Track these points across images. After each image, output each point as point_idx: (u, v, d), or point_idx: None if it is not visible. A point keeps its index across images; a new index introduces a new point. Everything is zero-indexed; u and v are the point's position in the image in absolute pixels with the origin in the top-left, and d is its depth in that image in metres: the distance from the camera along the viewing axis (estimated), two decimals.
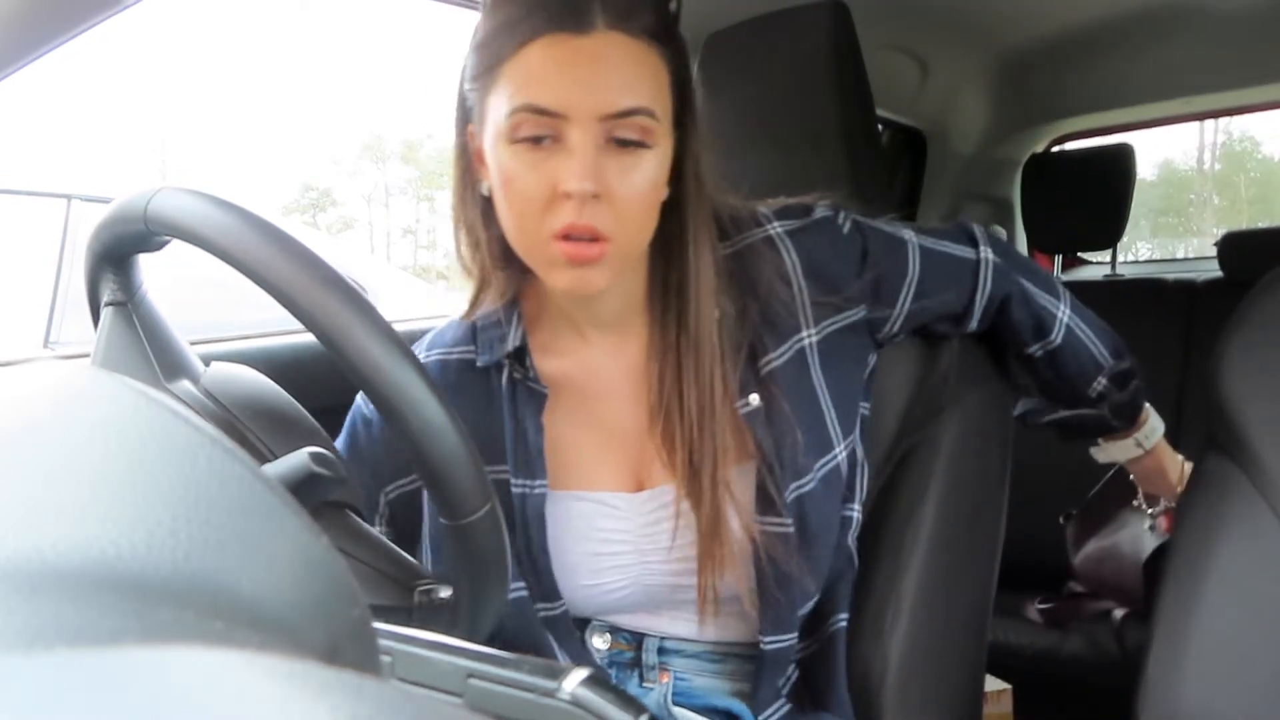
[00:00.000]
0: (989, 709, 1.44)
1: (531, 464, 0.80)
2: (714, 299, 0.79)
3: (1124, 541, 1.15)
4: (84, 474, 0.20)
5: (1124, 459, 1.05)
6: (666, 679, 0.85)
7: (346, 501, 0.63)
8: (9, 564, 0.18)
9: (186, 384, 0.64)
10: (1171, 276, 2.04)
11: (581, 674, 0.36)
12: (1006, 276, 0.91)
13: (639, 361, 0.84)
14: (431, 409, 0.53)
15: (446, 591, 0.60)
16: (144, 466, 0.21)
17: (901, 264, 0.87)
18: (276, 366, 0.80)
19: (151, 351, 0.63)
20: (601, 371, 0.84)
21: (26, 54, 0.81)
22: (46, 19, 0.80)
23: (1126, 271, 2.28)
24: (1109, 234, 2.10)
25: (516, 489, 0.80)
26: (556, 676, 0.36)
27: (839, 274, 0.85)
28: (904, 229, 0.90)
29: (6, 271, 1.85)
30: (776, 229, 0.85)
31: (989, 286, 0.91)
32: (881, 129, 1.93)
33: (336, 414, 0.88)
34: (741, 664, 0.87)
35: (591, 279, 0.73)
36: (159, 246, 0.62)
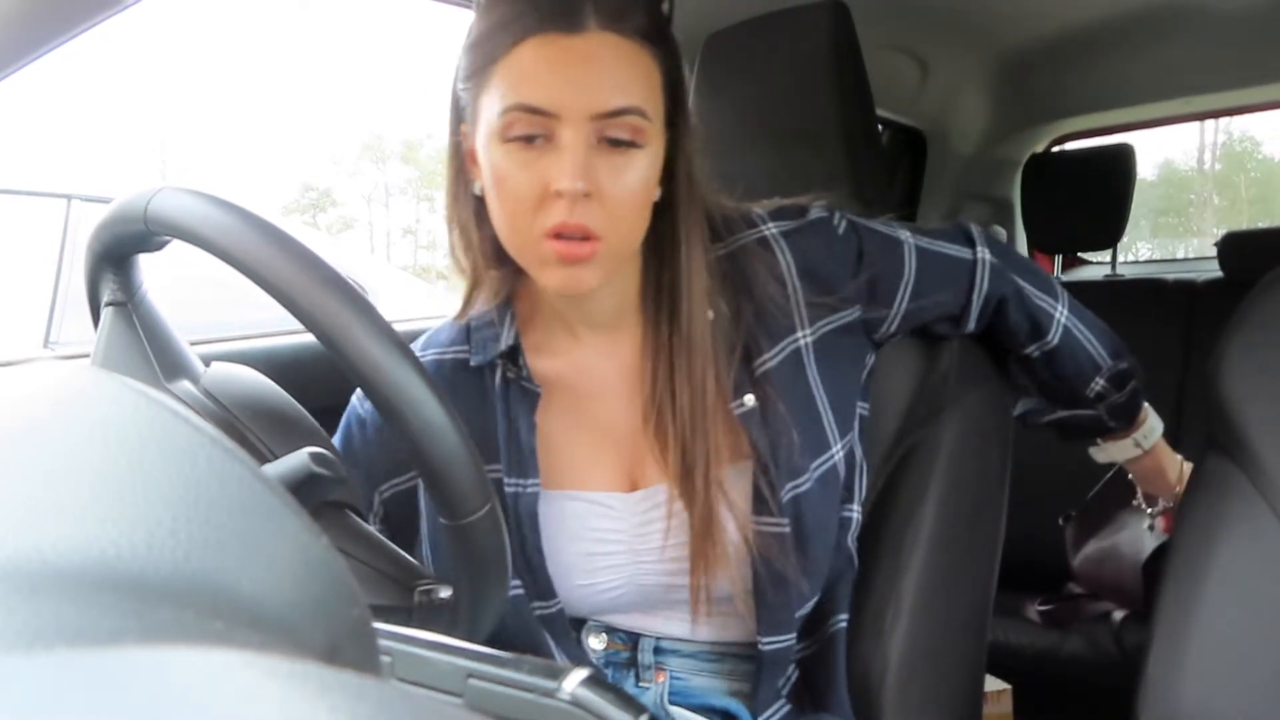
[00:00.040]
0: (989, 709, 1.44)
1: (524, 463, 0.80)
2: (707, 299, 0.79)
3: (1123, 542, 1.15)
4: (84, 474, 0.20)
5: (1123, 459, 1.05)
6: (662, 679, 0.85)
7: (346, 501, 0.64)
8: (9, 564, 0.18)
9: (186, 384, 0.64)
10: (1171, 277, 2.04)
11: (581, 674, 0.36)
12: (1003, 277, 0.91)
13: (632, 361, 0.84)
14: (432, 409, 0.53)
15: (446, 591, 0.60)
16: (144, 466, 0.21)
17: (897, 264, 0.87)
18: (276, 366, 0.80)
19: (151, 351, 0.63)
20: (594, 371, 0.84)
21: (26, 54, 0.81)
22: (46, 19, 0.80)
23: (1127, 272, 2.28)
24: (1109, 234, 2.09)
25: (509, 488, 0.80)
26: (556, 676, 0.36)
27: (834, 274, 0.85)
28: (900, 229, 0.90)
29: (6, 271, 1.84)
30: (771, 229, 0.85)
31: (986, 287, 0.91)
32: (881, 129, 1.93)
33: (336, 414, 0.88)
34: (740, 664, 0.86)
35: (583, 278, 0.73)
36: (159, 246, 0.62)
